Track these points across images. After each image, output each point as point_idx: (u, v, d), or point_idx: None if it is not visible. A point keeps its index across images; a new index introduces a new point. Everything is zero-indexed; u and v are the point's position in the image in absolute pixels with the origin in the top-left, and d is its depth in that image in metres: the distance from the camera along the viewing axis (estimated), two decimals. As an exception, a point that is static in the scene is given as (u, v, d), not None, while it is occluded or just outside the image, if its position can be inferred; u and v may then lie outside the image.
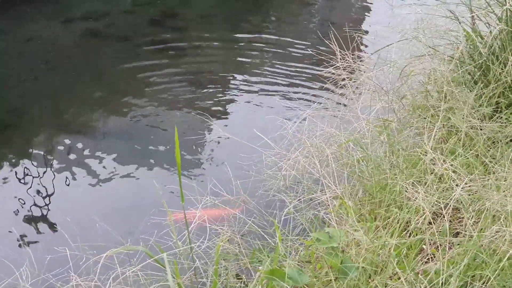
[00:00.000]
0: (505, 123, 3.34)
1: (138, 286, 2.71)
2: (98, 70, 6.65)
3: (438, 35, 3.95)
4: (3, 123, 5.47)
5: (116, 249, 2.59)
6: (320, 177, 3.05)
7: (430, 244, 2.77)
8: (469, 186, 2.76)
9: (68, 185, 4.60)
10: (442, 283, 2.37)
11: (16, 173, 4.74)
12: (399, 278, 2.45)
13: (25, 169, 4.77)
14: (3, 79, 6.31)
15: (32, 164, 4.84)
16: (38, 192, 4.48)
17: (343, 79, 3.97)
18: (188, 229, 2.76)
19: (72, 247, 2.95)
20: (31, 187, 4.54)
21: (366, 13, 8.54)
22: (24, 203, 4.36)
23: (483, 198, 2.70)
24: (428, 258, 2.75)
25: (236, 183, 3.48)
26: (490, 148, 3.20)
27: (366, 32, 7.35)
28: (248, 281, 2.92)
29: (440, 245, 2.72)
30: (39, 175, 4.68)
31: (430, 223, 2.72)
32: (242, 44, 7.37)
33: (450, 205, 2.66)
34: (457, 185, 2.72)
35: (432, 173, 2.93)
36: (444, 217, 2.68)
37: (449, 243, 2.73)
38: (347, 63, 3.97)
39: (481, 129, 3.24)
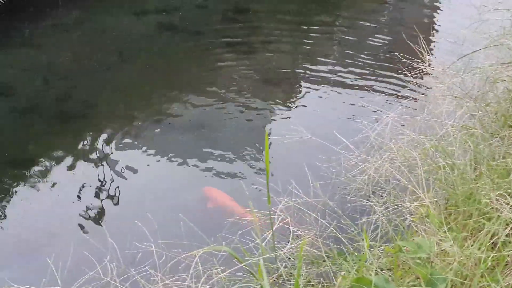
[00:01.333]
0: None
1: (221, 286, 2.73)
2: (170, 62, 6.74)
3: (528, 42, 3.85)
4: (76, 113, 5.58)
5: (202, 249, 2.61)
6: (408, 184, 3.00)
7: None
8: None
9: (149, 179, 4.68)
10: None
11: (88, 165, 4.82)
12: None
13: (98, 160, 4.85)
14: (76, 69, 6.43)
15: (103, 156, 4.91)
16: (114, 186, 4.56)
17: (426, 83, 3.91)
18: (273, 232, 2.76)
19: (151, 243, 2.98)
20: (103, 180, 4.62)
21: (440, 15, 8.34)
22: (100, 197, 4.44)
23: None
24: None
25: (315, 185, 3.45)
26: None
27: (445, 34, 7.16)
28: (327, 285, 2.90)
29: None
30: (107, 168, 4.77)
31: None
32: (315, 40, 7.33)
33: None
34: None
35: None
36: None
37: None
38: (430, 66, 3.90)
39: None
